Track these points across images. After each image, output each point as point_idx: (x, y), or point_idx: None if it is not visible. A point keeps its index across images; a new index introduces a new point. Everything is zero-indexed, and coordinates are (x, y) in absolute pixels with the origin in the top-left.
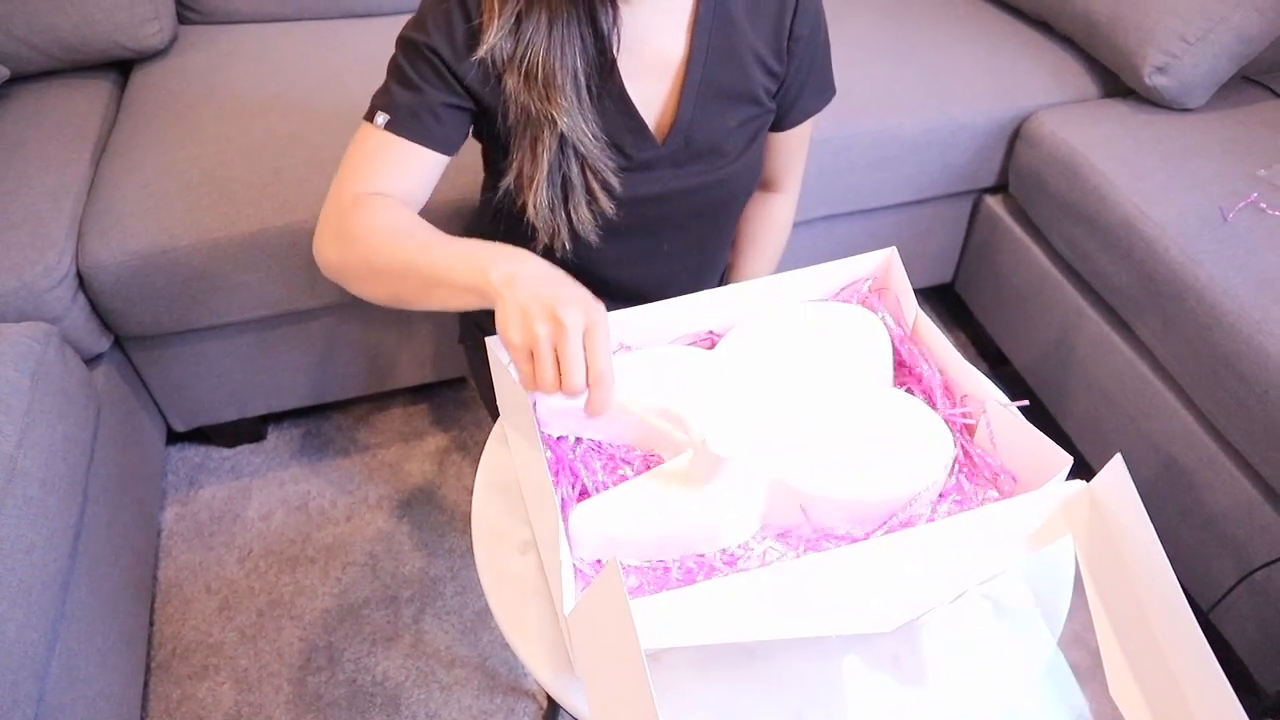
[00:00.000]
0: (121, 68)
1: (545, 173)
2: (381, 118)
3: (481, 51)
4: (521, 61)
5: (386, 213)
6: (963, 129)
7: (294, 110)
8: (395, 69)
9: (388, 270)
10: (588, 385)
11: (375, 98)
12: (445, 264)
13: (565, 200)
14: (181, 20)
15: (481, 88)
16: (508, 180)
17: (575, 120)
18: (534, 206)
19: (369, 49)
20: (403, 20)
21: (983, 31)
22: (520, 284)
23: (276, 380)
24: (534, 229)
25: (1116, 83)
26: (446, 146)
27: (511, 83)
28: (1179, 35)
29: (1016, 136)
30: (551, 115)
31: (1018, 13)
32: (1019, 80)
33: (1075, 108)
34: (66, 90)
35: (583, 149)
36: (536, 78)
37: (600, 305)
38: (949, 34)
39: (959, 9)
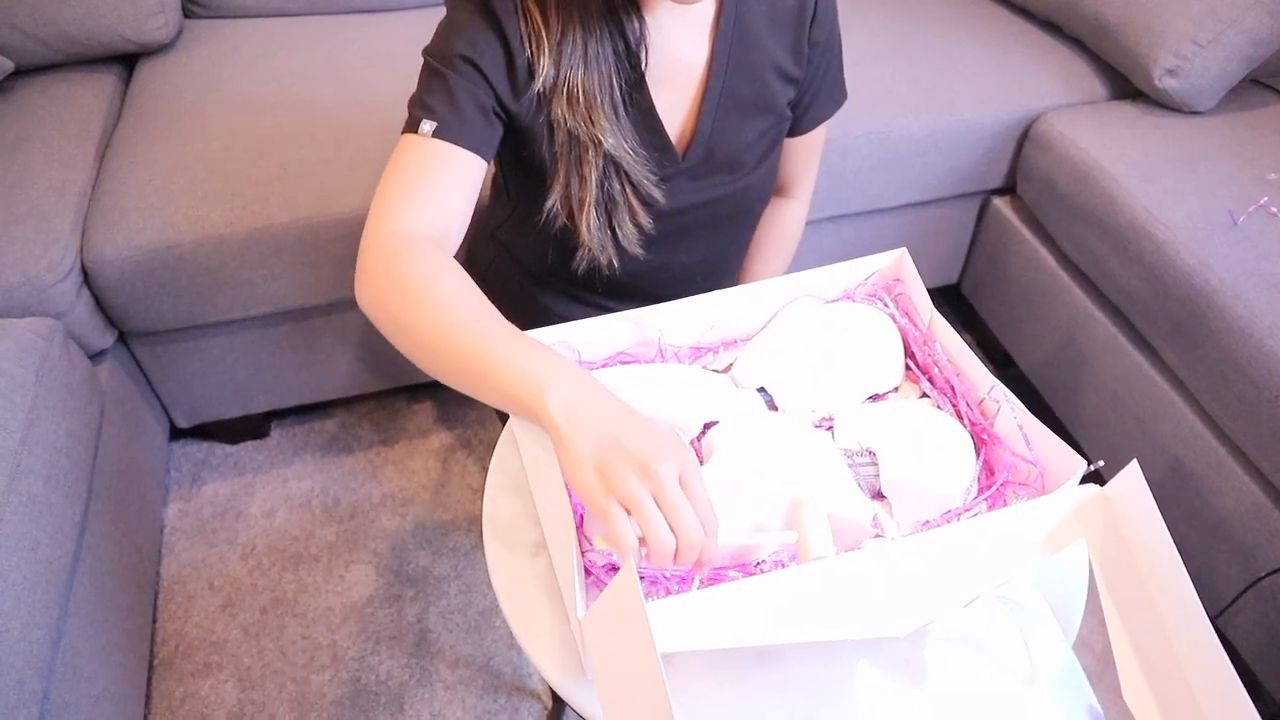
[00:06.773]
0: (126, 62)
1: (594, 194)
2: (428, 125)
3: (538, 85)
4: (564, 86)
5: (449, 274)
6: (971, 130)
7: (299, 106)
8: (434, 76)
9: (442, 347)
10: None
11: (414, 108)
12: (500, 365)
13: (610, 218)
14: (186, 14)
15: (532, 119)
16: (551, 203)
17: (618, 139)
18: (586, 227)
19: (375, 44)
20: (409, 15)
21: (991, 32)
22: (584, 421)
23: (281, 377)
24: (576, 247)
25: (1126, 85)
26: (489, 153)
27: (558, 109)
28: (1190, 38)
29: (1025, 138)
30: (596, 137)
31: (1027, 14)
32: (1028, 82)
33: (1084, 110)
34: (71, 84)
35: (626, 166)
36: (579, 101)
37: (681, 441)
38: (957, 35)
39: (967, 10)
